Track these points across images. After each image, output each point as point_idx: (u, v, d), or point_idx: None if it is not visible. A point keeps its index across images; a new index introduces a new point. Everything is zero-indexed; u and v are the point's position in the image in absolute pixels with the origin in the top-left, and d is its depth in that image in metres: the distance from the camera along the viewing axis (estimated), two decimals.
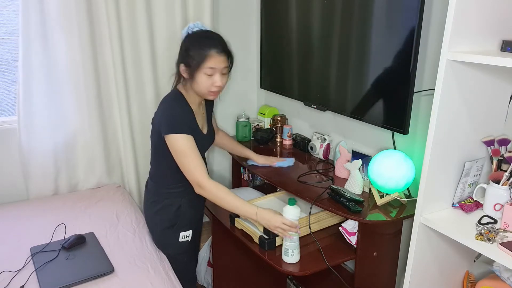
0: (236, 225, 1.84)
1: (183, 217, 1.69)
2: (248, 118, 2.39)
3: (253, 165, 2.01)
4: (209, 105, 1.77)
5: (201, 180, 1.50)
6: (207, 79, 1.51)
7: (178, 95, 1.58)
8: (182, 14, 2.18)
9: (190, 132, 1.52)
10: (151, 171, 1.72)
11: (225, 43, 1.55)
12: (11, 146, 2.05)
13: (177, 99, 1.57)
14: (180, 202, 1.66)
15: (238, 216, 1.84)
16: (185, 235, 1.71)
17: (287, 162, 2.02)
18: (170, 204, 1.66)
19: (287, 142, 2.32)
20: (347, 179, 1.77)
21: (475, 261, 1.52)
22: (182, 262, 1.74)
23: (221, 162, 2.60)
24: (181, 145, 1.50)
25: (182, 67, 1.54)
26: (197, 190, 1.54)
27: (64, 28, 1.95)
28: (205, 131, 1.69)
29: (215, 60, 1.49)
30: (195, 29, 1.56)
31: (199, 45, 1.50)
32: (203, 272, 2.28)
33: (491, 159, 1.37)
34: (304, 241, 1.70)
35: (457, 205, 1.39)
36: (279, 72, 2.30)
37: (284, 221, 1.50)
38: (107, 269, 1.46)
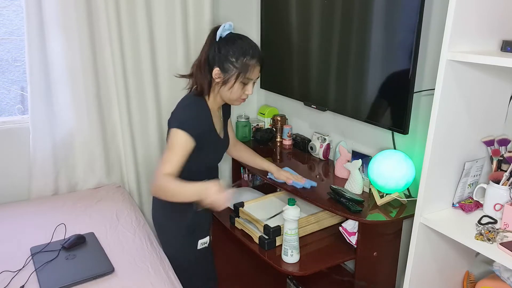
0: (236, 225, 1.85)
1: (201, 221, 1.64)
2: (248, 118, 2.39)
3: (271, 178, 1.87)
4: (226, 110, 1.71)
5: (165, 172, 1.40)
6: (241, 87, 1.49)
7: (199, 98, 1.53)
8: (182, 13, 2.18)
9: (196, 137, 1.46)
10: None
11: (261, 52, 1.53)
12: (12, 146, 2.05)
13: (197, 101, 1.52)
14: (198, 205, 1.58)
15: (238, 216, 1.84)
16: (203, 242, 1.65)
17: (306, 183, 1.79)
18: (187, 209, 1.56)
19: (287, 142, 2.32)
20: (347, 179, 1.77)
21: (476, 255, 1.52)
22: (201, 268, 1.67)
23: (222, 162, 2.60)
24: (178, 141, 1.43)
25: (216, 71, 1.47)
26: (152, 187, 1.44)
27: (63, 27, 1.95)
28: (222, 135, 1.64)
29: (254, 71, 1.49)
30: (228, 31, 1.48)
31: (243, 54, 1.45)
32: None
33: (491, 159, 1.37)
34: (304, 241, 1.70)
35: (457, 205, 1.39)
36: (279, 72, 2.30)
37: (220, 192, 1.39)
38: (107, 269, 1.46)
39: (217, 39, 1.47)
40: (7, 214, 1.87)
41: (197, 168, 1.55)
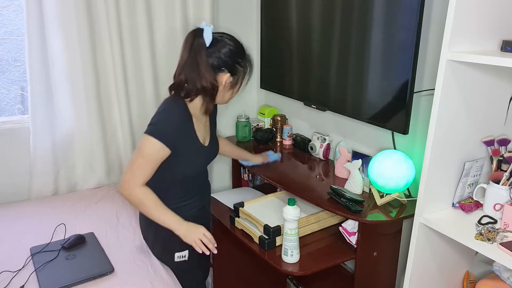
0: (236, 225, 1.84)
1: (177, 236, 1.52)
2: (248, 118, 2.39)
3: (252, 166, 2.01)
4: (212, 117, 1.66)
5: (135, 183, 1.41)
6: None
7: (179, 102, 1.46)
8: (182, 13, 2.18)
9: (170, 145, 1.40)
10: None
11: None
12: (12, 146, 2.05)
13: (178, 105, 1.45)
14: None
15: (238, 216, 1.84)
16: (181, 256, 1.59)
17: (276, 155, 2.06)
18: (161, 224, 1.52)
19: (287, 142, 2.32)
20: (347, 179, 1.77)
21: (476, 253, 1.52)
22: (183, 280, 1.58)
23: (222, 162, 2.60)
24: (150, 149, 1.38)
25: (226, 76, 1.42)
26: (122, 190, 1.43)
27: (63, 27, 1.95)
28: (206, 143, 1.57)
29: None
30: (212, 32, 1.42)
31: (245, 57, 1.47)
32: None
33: (491, 159, 1.37)
34: (304, 241, 1.70)
35: (457, 205, 1.39)
36: (279, 72, 2.30)
37: (205, 233, 1.47)
38: (107, 269, 1.46)
39: (207, 44, 1.39)
40: (7, 214, 1.87)
41: (172, 178, 1.51)
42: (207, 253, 1.48)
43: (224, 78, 1.43)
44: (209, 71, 1.40)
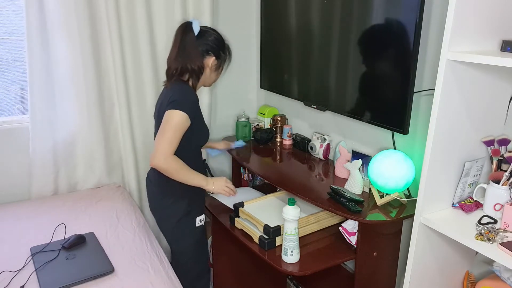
0: (236, 225, 1.85)
1: (197, 203, 1.79)
2: (248, 118, 2.39)
3: (216, 155, 2.23)
4: None
5: (169, 153, 1.56)
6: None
7: (186, 83, 1.66)
8: (182, 14, 2.18)
9: (192, 119, 1.58)
10: None
11: None
12: (12, 146, 2.05)
13: (189, 87, 1.66)
14: (192, 190, 1.69)
15: (238, 216, 1.84)
16: (200, 219, 1.80)
17: (239, 142, 2.24)
18: (182, 195, 1.71)
19: (287, 142, 2.32)
20: (347, 179, 1.77)
21: (476, 253, 1.52)
22: (199, 248, 1.82)
23: (222, 162, 2.60)
24: (177, 121, 1.55)
25: (213, 60, 1.67)
26: (158, 161, 1.55)
27: (64, 28, 1.96)
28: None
29: None
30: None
31: (224, 42, 1.71)
32: None
33: (491, 159, 1.37)
34: (304, 241, 1.70)
35: (457, 205, 1.39)
36: (279, 72, 2.30)
37: (227, 180, 1.74)
38: (107, 269, 1.46)
39: (196, 33, 1.63)
40: (7, 214, 1.88)
41: (184, 151, 1.64)
42: (235, 195, 1.79)
43: (211, 61, 1.67)
44: (199, 56, 1.64)
